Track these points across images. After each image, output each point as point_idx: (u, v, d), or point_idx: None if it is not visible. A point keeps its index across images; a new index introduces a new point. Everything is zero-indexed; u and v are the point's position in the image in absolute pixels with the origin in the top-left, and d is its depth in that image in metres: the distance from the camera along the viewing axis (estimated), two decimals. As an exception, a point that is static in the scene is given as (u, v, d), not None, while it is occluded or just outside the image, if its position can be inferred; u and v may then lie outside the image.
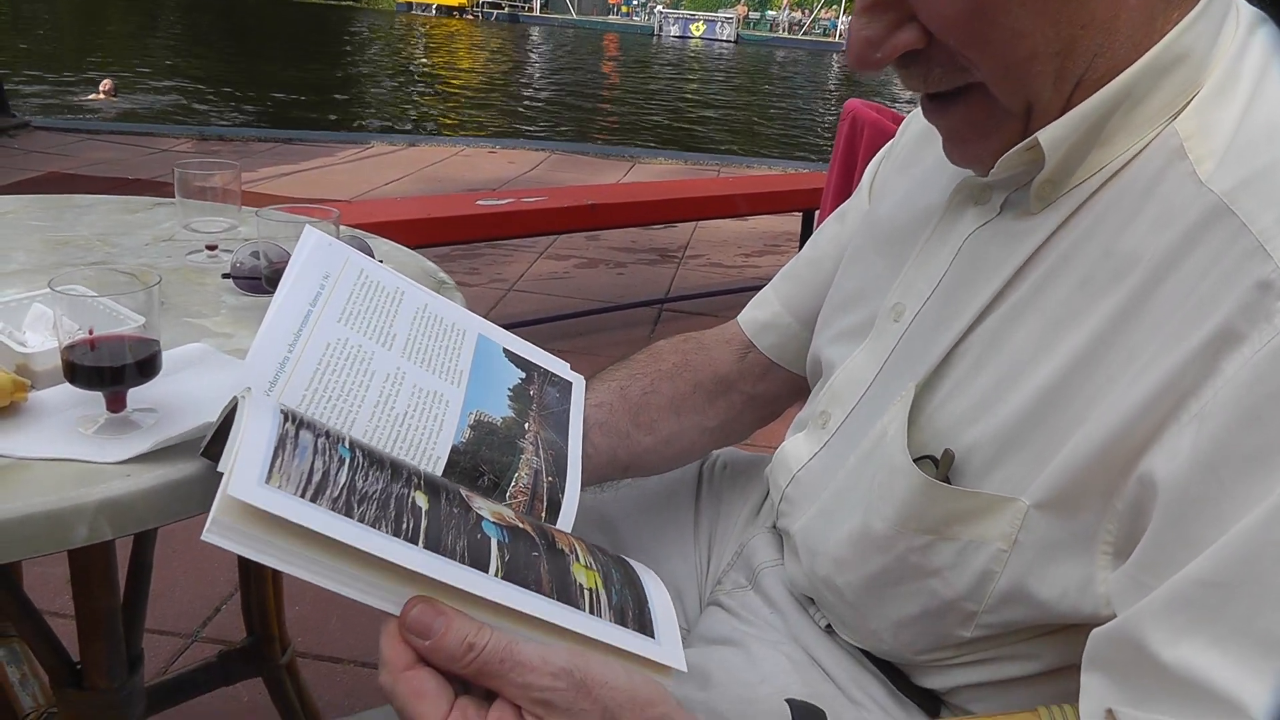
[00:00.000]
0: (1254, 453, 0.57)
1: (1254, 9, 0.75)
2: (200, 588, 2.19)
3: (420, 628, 0.57)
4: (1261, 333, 0.58)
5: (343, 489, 0.58)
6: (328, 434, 0.63)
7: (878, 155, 1.09)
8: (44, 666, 1.07)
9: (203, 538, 0.53)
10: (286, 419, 0.62)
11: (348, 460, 0.61)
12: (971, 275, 0.79)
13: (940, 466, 0.74)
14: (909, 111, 1.09)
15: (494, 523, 0.64)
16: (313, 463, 0.58)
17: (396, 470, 0.63)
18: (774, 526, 1.07)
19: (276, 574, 1.56)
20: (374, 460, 0.63)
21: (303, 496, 0.55)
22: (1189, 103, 0.70)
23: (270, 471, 0.56)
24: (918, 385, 0.77)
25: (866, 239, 0.98)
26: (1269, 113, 0.67)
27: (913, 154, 0.99)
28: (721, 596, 1.03)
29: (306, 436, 0.61)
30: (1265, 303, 0.59)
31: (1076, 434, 0.66)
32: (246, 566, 1.54)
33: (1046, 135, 0.71)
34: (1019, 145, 0.73)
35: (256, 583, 1.55)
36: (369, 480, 0.60)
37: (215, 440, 0.67)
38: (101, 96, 10.72)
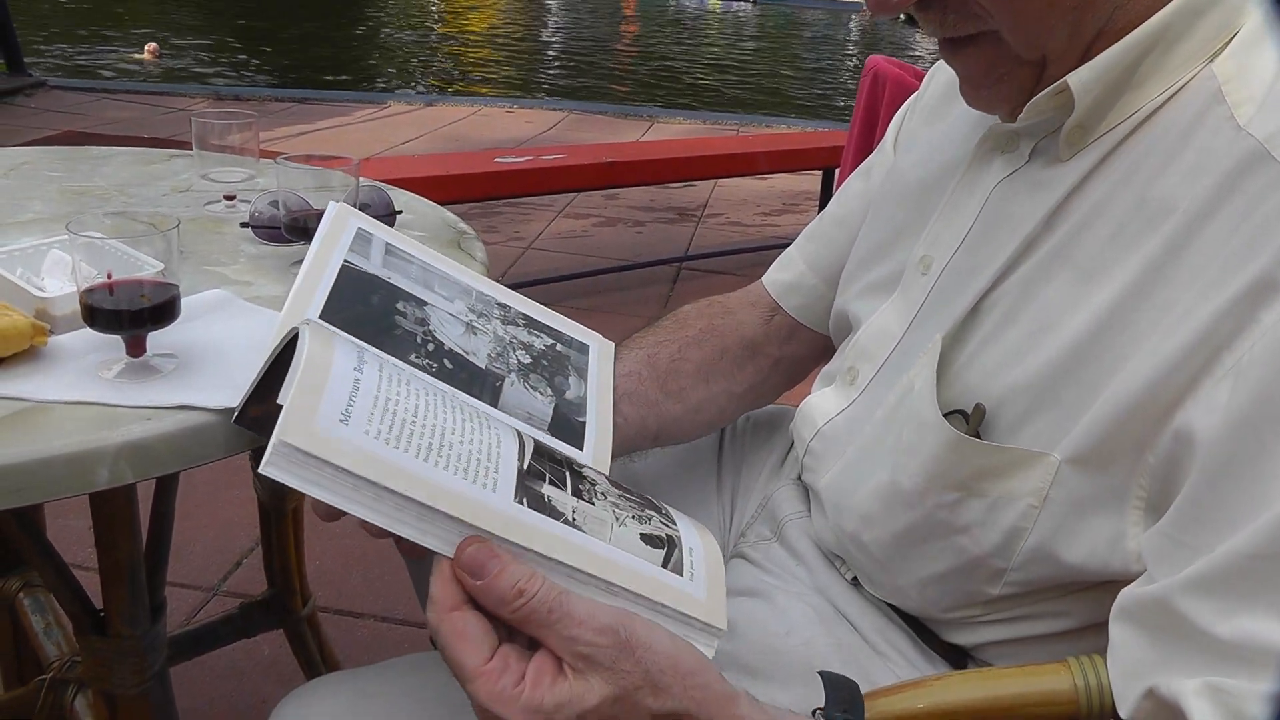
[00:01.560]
0: None
1: None
2: (220, 542, 2.20)
3: (474, 567, 0.56)
4: None
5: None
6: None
7: (902, 107, 1.07)
8: (68, 614, 1.08)
9: (261, 470, 0.51)
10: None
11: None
12: (1000, 225, 0.77)
13: (970, 421, 0.72)
14: (931, 67, 1.07)
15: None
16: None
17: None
18: (799, 479, 1.06)
19: (298, 528, 1.56)
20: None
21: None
22: (1226, 45, 0.67)
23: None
24: (945, 337, 0.75)
25: (892, 191, 0.96)
26: None
27: (939, 105, 0.97)
28: (746, 549, 1.02)
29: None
30: None
31: (1109, 388, 0.64)
32: (268, 521, 1.55)
33: (1076, 79, 0.68)
34: (1048, 89, 0.71)
35: (278, 537, 1.55)
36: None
37: (256, 396, 0.65)
38: (147, 58, 10.68)
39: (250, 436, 0.79)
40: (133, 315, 0.79)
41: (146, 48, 10.87)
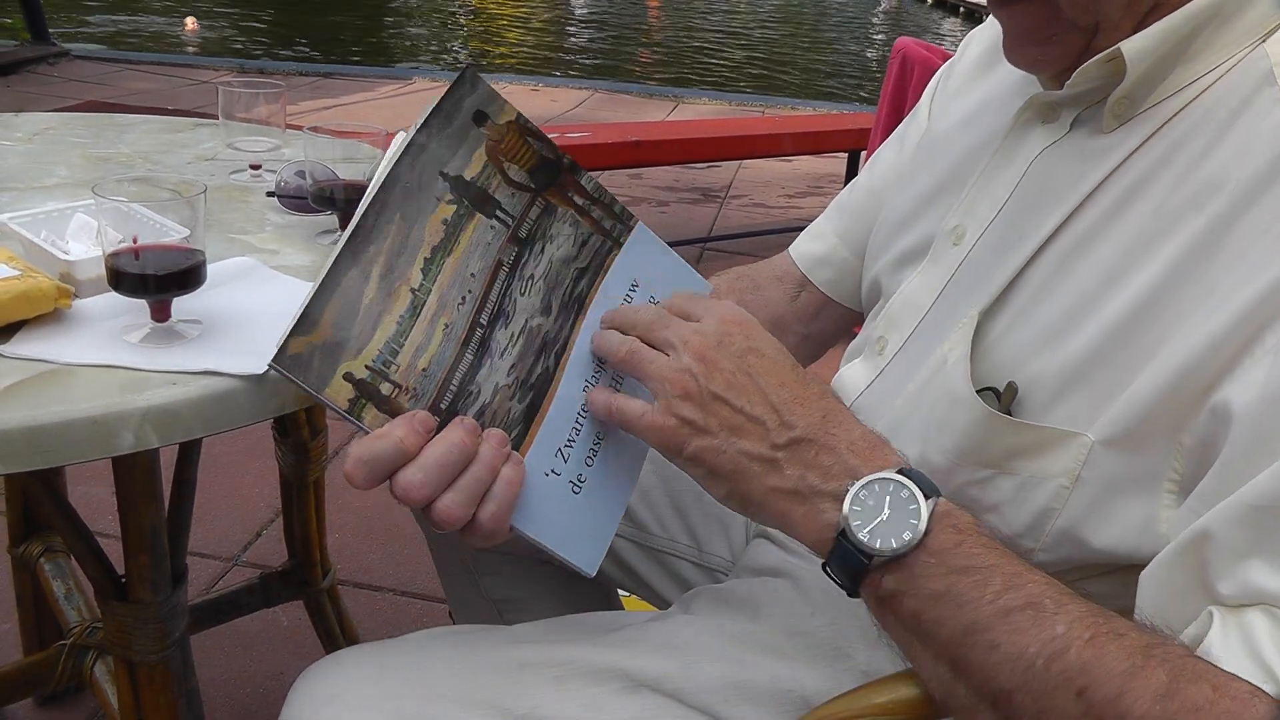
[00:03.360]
0: None
1: None
2: (240, 513, 2.20)
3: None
4: None
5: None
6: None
7: (936, 75, 1.05)
8: (89, 579, 1.08)
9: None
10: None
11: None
12: (1039, 198, 0.75)
13: (1003, 399, 0.71)
14: (954, 51, 1.05)
15: None
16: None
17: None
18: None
19: (319, 499, 1.56)
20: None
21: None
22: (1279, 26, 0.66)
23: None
24: (980, 312, 0.74)
25: (925, 159, 0.94)
26: None
27: (973, 75, 0.95)
28: (770, 528, 1.01)
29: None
30: None
31: (1146, 368, 0.63)
32: (289, 492, 1.55)
33: (1131, 46, 0.67)
34: (1100, 55, 0.69)
35: (299, 508, 1.55)
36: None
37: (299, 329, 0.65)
38: (188, 32, 10.69)
39: (278, 401, 0.78)
40: (158, 280, 0.78)
41: (186, 23, 10.87)
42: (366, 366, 0.66)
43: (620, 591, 1.23)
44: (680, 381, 0.68)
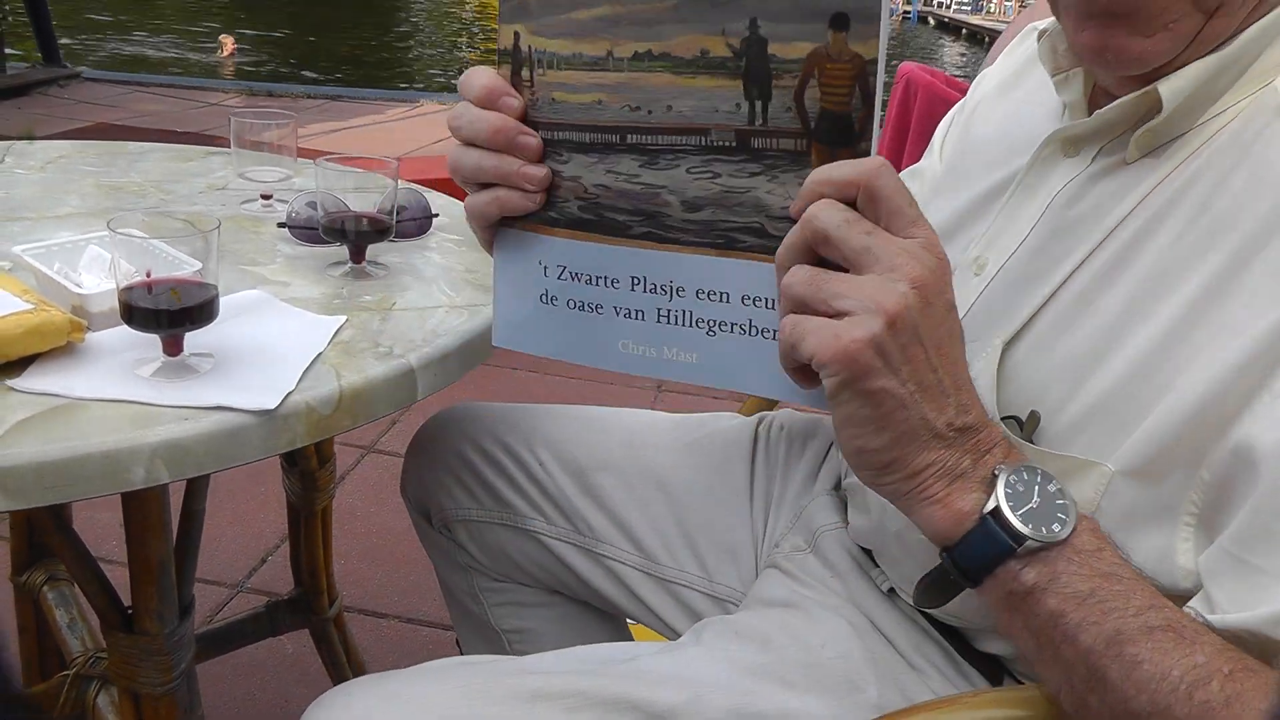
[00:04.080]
0: None
1: None
2: (246, 540, 2.20)
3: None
4: None
5: None
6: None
7: (948, 114, 1.06)
8: (95, 609, 1.07)
9: None
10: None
11: None
12: (1063, 231, 0.76)
13: (1025, 428, 0.71)
14: (958, 75, 1.05)
15: None
16: None
17: None
18: (835, 489, 1.05)
19: (326, 527, 1.56)
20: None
21: None
22: None
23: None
24: (1005, 341, 0.75)
25: (941, 195, 0.94)
26: None
27: (987, 113, 0.96)
28: (780, 559, 1.01)
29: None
30: None
31: (1165, 400, 0.64)
32: (296, 520, 1.54)
33: (1168, 87, 0.68)
34: (1134, 93, 0.70)
35: (306, 536, 1.55)
36: None
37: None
38: (225, 54, 10.64)
39: (289, 436, 0.78)
40: (171, 315, 0.78)
41: (223, 42, 10.81)
42: (529, 45, 0.71)
43: (629, 621, 1.23)
44: (892, 305, 0.58)
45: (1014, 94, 0.94)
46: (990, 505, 0.61)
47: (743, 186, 0.67)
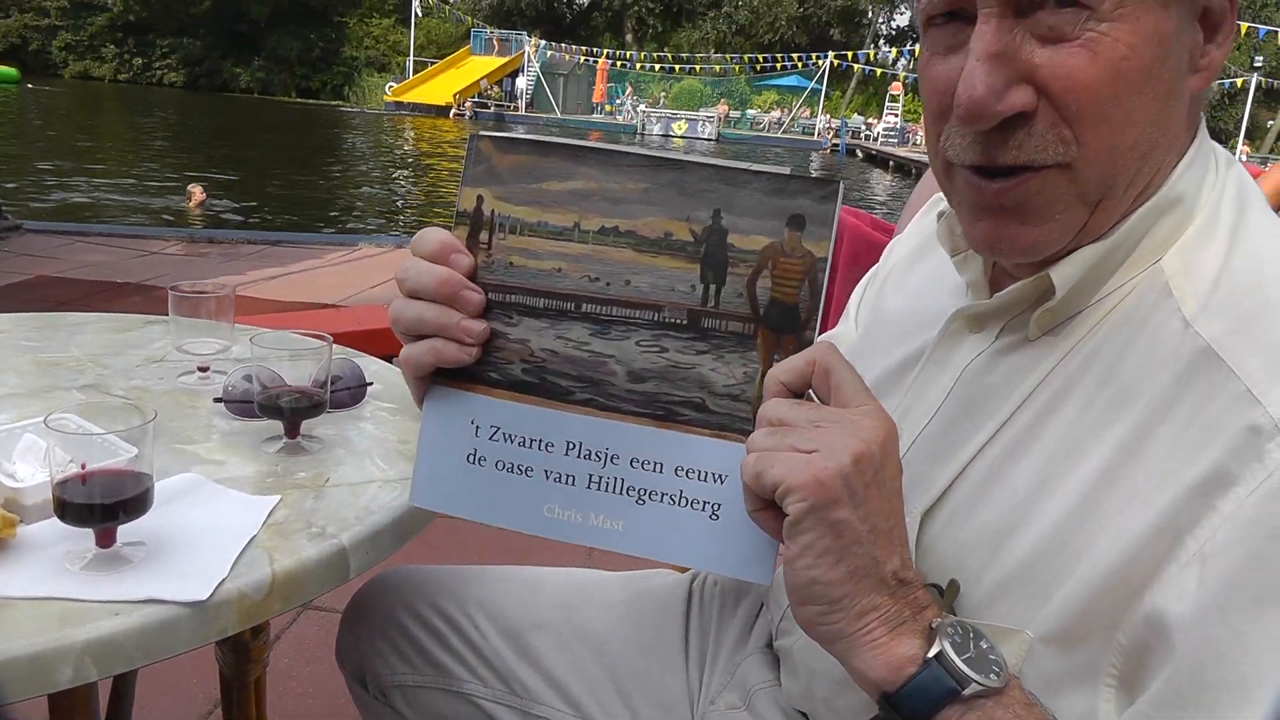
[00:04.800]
0: (1260, 594, 0.59)
1: (1226, 152, 0.78)
2: (177, 707, 2.13)
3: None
4: (1254, 474, 0.61)
5: None
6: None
7: (861, 282, 1.11)
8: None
9: None
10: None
11: None
12: (973, 405, 0.80)
13: (945, 596, 0.74)
14: (883, 215, 1.11)
15: None
16: None
17: None
18: (769, 646, 1.07)
19: (260, 699, 1.53)
20: None
21: None
22: (1175, 242, 0.73)
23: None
24: (923, 513, 0.78)
25: (856, 363, 0.99)
26: (1248, 258, 0.70)
27: (899, 281, 1.01)
28: (715, 717, 1.02)
29: None
30: (1256, 445, 0.61)
31: (1080, 568, 0.67)
32: (228, 691, 1.51)
33: (1059, 273, 0.73)
34: (1031, 279, 0.75)
35: (239, 706, 1.51)
36: None
37: None
38: (193, 204, 10.42)
39: (220, 625, 0.79)
40: (105, 509, 0.80)
41: (191, 192, 10.60)
42: (493, 209, 0.74)
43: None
44: (857, 446, 0.64)
45: (921, 267, 0.99)
46: (935, 650, 0.64)
47: (689, 363, 0.72)
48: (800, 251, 0.71)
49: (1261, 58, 34.70)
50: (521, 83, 41.42)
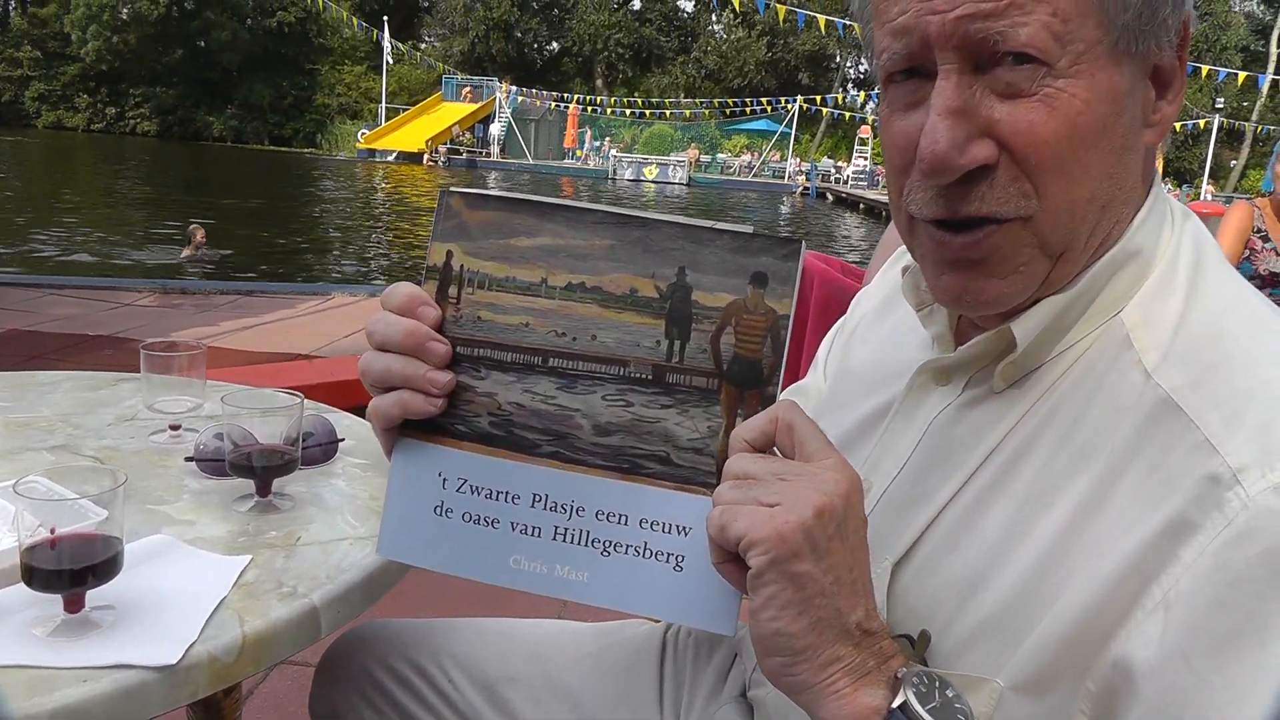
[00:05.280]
0: (1222, 639, 0.61)
1: (1182, 205, 0.81)
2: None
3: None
4: (1214, 522, 0.62)
5: None
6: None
7: (830, 332, 1.13)
8: None
9: None
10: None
11: None
12: (941, 457, 0.81)
13: (916, 647, 0.75)
14: (855, 258, 1.12)
15: None
16: None
17: None
18: (742, 695, 1.07)
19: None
20: None
21: None
22: (1134, 294, 0.75)
23: None
24: (894, 564, 0.79)
25: (826, 415, 1.00)
26: (1207, 311, 0.72)
27: (865, 334, 1.03)
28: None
29: None
30: (1215, 493, 0.63)
31: (1048, 616, 0.68)
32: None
33: (1020, 327, 0.75)
34: (992, 332, 0.77)
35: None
36: None
37: None
38: (192, 250, 10.29)
39: (190, 689, 0.79)
40: (74, 574, 0.80)
41: (193, 233, 10.36)
42: (462, 264, 0.75)
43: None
44: (819, 500, 0.66)
45: (888, 319, 1.00)
46: (899, 700, 0.65)
47: (654, 417, 0.74)
48: (763, 309, 0.72)
49: (1222, 99, 35.51)
50: (494, 129, 41.69)
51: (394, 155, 37.83)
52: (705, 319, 0.73)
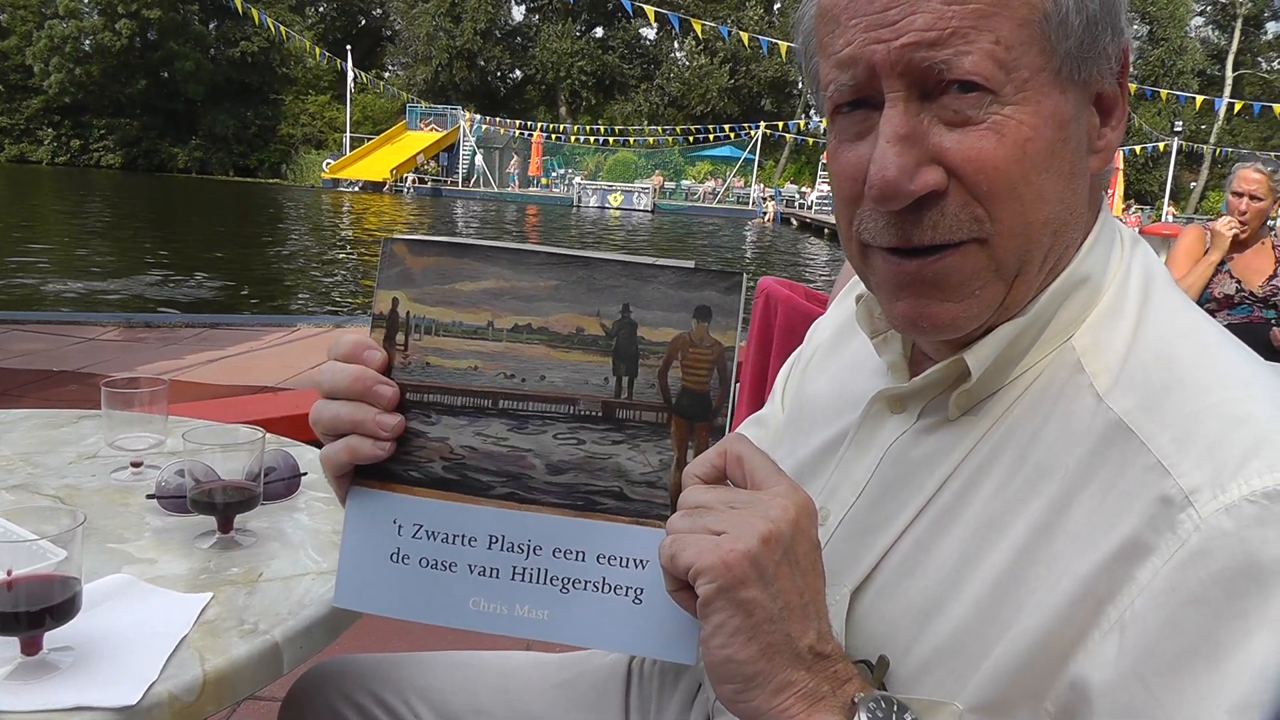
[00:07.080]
0: (1176, 658, 0.62)
1: (1131, 230, 0.83)
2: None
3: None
4: (1168, 543, 0.64)
5: None
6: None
7: (788, 362, 1.14)
8: None
9: None
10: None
11: None
12: (897, 484, 0.82)
13: (876, 672, 0.76)
14: (819, 283, 1.14)
15: None
16: None
17: None
18: (706, 722, 1.08)
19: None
20: None
21: None
22: (1084, 319, 0.77)
23: None
24: (852, 590, 0.80)
25: (783, 444, 1.01)
26: (1157, 335, 0.74)
27: (822, 363, 1.04)
28: None
29: None
30: (1169, 515, 0.64)
31: (1005, 639, 0.69)
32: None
33: (973, 356, 0.76)
34: (946, 361, 0.78)
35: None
36: None
37: None
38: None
39: None
40: (31, 616, 0.79)
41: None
42: (408, 310, 0.76)
43: None
44: (766, 527, 0.66)
45: (844, 349, 1.02)
46: None
47: (605, 453, 0.75)
48: (708, 342, 0.74)
49: (1181, 122, 36.13)
50: (458, 157, 41.69)
51: (359, 185, 37.76)
52: (651, 354, 0.74)
